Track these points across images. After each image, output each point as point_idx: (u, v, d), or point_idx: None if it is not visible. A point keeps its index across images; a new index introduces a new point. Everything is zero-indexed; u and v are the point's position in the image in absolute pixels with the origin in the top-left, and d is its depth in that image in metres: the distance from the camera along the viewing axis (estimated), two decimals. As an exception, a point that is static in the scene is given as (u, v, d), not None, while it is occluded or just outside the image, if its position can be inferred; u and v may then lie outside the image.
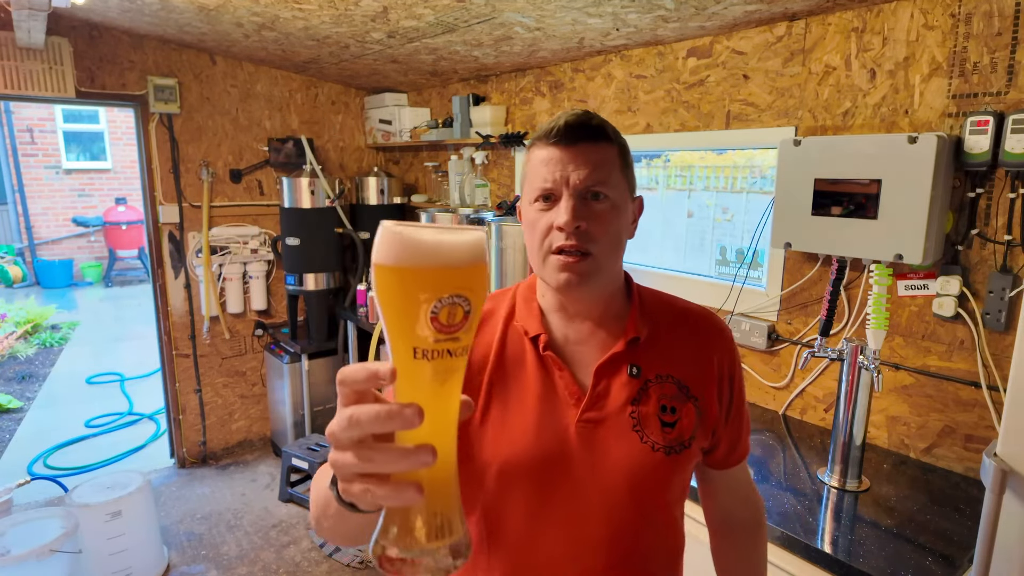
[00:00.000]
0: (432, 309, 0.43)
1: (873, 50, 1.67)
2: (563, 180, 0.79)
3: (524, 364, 0.86)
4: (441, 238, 0.44)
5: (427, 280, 0.43)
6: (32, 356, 5.79)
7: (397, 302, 0.44)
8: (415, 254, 0.43)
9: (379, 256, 0.44)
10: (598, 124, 0.81)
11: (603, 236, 0.80)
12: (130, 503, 2.52)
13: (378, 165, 4.02)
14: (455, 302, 0.43)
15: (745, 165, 2.21)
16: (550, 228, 0.80)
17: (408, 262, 0.43)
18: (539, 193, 0.81)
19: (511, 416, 0.83)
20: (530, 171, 0.84)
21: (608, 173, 0.81)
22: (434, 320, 0.43)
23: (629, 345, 0.85)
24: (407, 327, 0.43)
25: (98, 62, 3.08)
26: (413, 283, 0.43)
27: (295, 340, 3.58)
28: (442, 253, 0.44)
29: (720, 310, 2.16)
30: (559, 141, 0.80)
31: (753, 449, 1.75)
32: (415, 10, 2.11)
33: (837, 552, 1.26)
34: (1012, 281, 1.47)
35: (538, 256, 0.83)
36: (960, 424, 1.60)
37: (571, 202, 0.79)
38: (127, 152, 9.39)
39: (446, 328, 0.43)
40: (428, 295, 0.43)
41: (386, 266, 0.43)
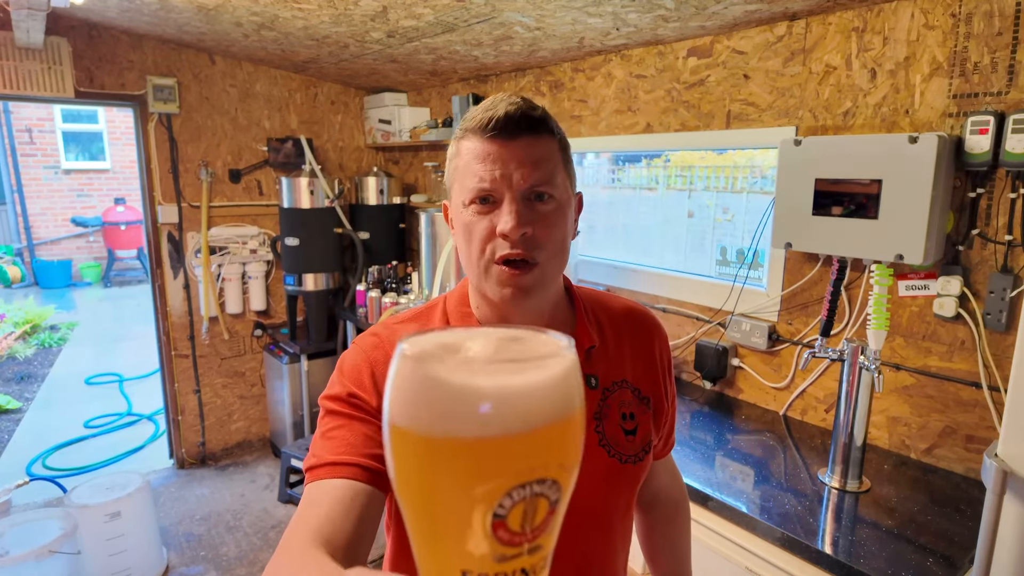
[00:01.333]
0: (496, 510, 0.26)
1: (874, 50, 1.67)
2: (504, 180, 0.69)
3: None
4: (509, 382, 0.26)
5: (488, 459, 0.26)
6: (31, 356, 5.78)
7: (431, 496, 0.27)
8: (464, 414, 0.25)
9: (398, 414, 0.27)
10: (541, 115, 0.72)
11: (550, 242, 0.72)
12: (129, 504, 2.52)
13: (378, 165, 4.02)
14: (536, 492, 0.26)
15: (745, 165, 2.21)
16: (491, 234, 0.71)
17: (449, 430, 0.26)
18: (475, 195, 0.71)
19: None
20: (462, 167, 0.72)
21: (553, 170, 0.72)
22: (499, 527, 0.26)
23: (587, 355, 0.79)
24: (452, 538, 0.27)
25: (97, 62, 3.08)
26: (461, 466, 0.26)
27: (294, 340, 3.57)
28: (509, 409, 0.26)
29: (721, 310, 2.15)
30: (497, 134, 0.69)
31: (753, 449, 1.75)
32: (415, 10, 2.11)
33: (838, 553, 1.25)
34: (1013, 281, 1.47)
35: (477, 266, 0.73)
36: (961, 425, 1.59)
37: (515, 205, 0.69)
38: (126, 152, 9.38)
39: (519, 537, 0.27)
40: (489, 486, 0.26)
41: (410, 433, 0.26)
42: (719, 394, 2.16)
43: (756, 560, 1.38)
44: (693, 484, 1.52)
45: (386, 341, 0.77)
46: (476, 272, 0.74)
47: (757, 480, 1.57)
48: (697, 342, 2.17)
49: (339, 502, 0.61)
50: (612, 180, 2.75)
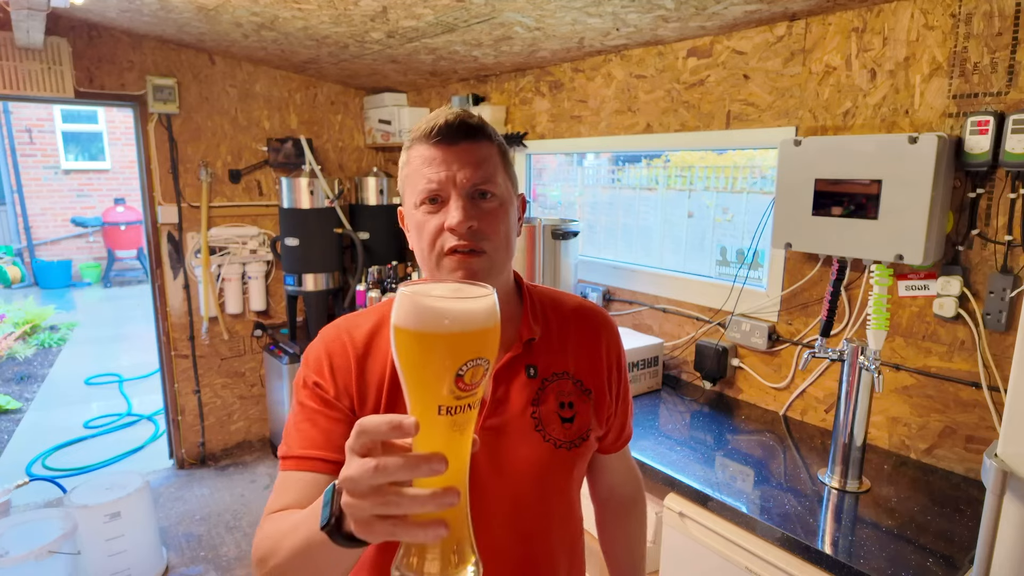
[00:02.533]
0: (458, 372, 0.46)
1: (873, 50, 1.67)
2: (449, 180, 0.78)
3: None
4: (465, 307, 0.47)
5: (454, 346, 0.46)
6: (31, 357, 5.78)
7: (423, 366, 0.47)
8: (441, 322, 0.46)
9: (403, 321, 0.47)
10: (478, 123, 0.80)
11: (495, 234, 0.80)
12: (129, 504, 2.52)
13: (377, 165, 4.02)
14: (478, 363, 0.47)
15: (745, 165, 2.21)
16: (440, 230, 0.79)
17: (434, 328, 0.46)
18: (425, 195, 0.79)
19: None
20: (412, 172, 0.81)
21: (493, 171, 0.80)
22: (459, 381, 0.46)
23: (525, 347, 0.86)
24: (432, 388, 0.47)
25: (97, 62, 3.08)
26: (441, 349, 0.46)
27: (294, 341, 3.57)
28: (466, 320, 0.47)
29: (720, 310, 2.15)
30: (440, 140, 0.78)
31: (753, 450, 1.75)
32: (414, 10, 2.11)
33: (838, 553, 1.25)
34: (1013, 281, 1.47)
35: (429, 260, 0.81)
36: (961, 425, 1.59)
37: (461, 202, 0.78)
38: (126, 152, 9.38)
39: (468, 387, 0.47)
40: (454, 360, 0.46)
41: (411, 331, 0.47)
42: (719, 394, 2.16)
43: (756, 560, 1.38)
44: (693, 484, 1.52)
45: (344, 332, 0.86)
46: (430, 266, 0.82)
47: (757, 480, 1.57)
48: (697, 342, 2.17)
49: (304, 491, 0.75)
50: (612, 180, 2.76)
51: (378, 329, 0.86)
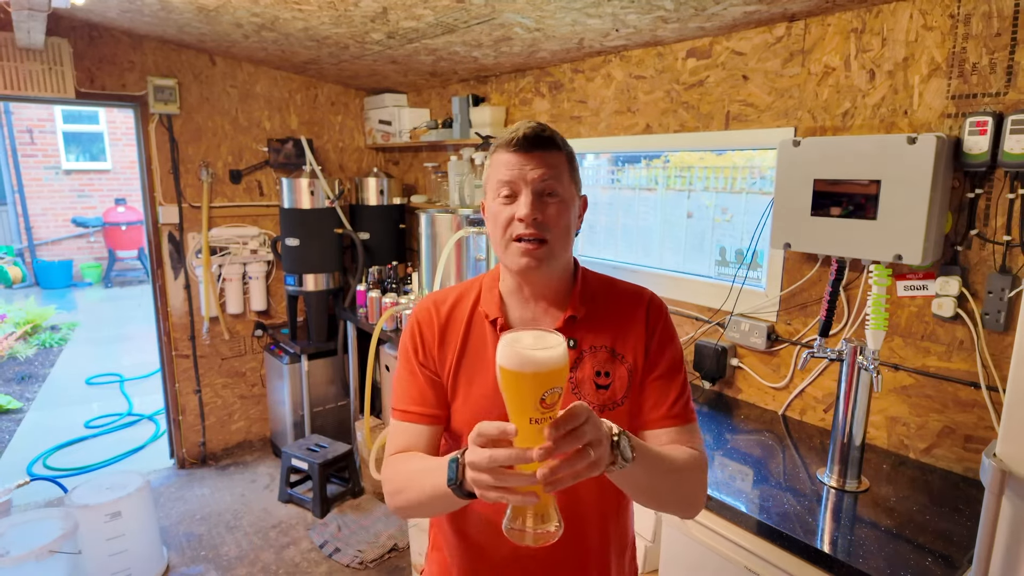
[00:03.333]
0: (542, 396, 0.69)
1: (872, 51, 1.68)
2: (522, 178, 0.93)
3: (485, 342, 1.01)
4: (545, 355, 0.70)
5: (539, 381, 0.69)
6: (32, 357, 5.78)
7: (521, 394, 0.70)
8: (533, 365, 0.69)
9: (506, 363, 0.70)
10: (550, 135, 0.95)
11: (556, 227, 0.94)
12: (129, 504, 2.52)
13: (378, 166, 4.02)
14: (555, 391, 0.70)
15: (745, 166, 2.22)
16: (511, 219, 0.94)
17: (529, 369, 0.69)
18: (502, 189, 0.95)
19: (476, 387, 0.99)
20: (493, 172, 0.97)
21: (559, 175, 0.95)
22: (542, 403, 0.69)
23: (567, 322, 0.99)
24: (528, 408, 0.69)
25: (98, 63, 3.08)
26: (531, 383, 0.69)
27: (295, 341, 3.58)
28: (550, 362, 0.69)
29: (720, 310, 2.16)
30: (519, 148, 0.93)
31: (753, 449, 1.75)
32: (415, 11, 2.11)
33: (836, 552, 1.26)
34: (1011, 281, 1.48)
35: (501, 244, 0.96)
36: (959, 424, 1.60)
37: (530, 197, 0.92)
38: (127, 153, 9.39)
39: (549, 406, 0.70)
40: (539, 389, 0.69)
41: (511, 370, 0.70)
42: (718, 394, 2.16)
43: (755, 560, 1.38)
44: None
45: (431, 304, 1.06)
46: (501, 248, 0.97)
47: (756, 480, 1.57)
48: (696, 342, 2.17)
49: (410, 437, 1.01)
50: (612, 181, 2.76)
51: (457, 303, 1.05)
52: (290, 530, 3.02)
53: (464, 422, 0.98)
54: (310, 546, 2.89)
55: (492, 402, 0.94)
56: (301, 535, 2.98)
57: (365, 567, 2.74)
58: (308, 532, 2.99)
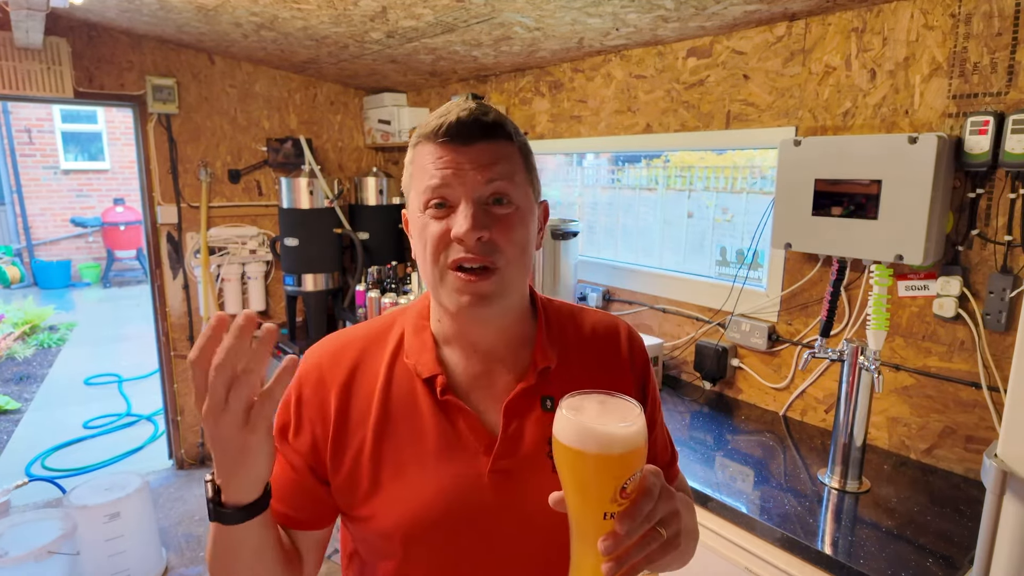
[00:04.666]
0: (623, 484, 0.54)
1: (873, 50, 1.67)
2: (459, 183, 0.67)
3: (418, 410, 0.74)
4: (631, 431, 0.54)
5: (625, 465, 0.54)
6: (30, 357, 5.77)
7: (598, 483, 0.54)
8: (616, 444, 0.53)
9: (580, 444, 0.54)
10: (495, 119, 0.70)
11: (509, 247, 0.69)
12: (128, 504, 2.52)
13: (377, 165, 4.02)
14: (636, 476, 0.55)
15: (745, 165, 2.21)
16: (446, 239, 0.68)
17: (611, 451, 0.53)
18: (430, 197, 0.69)
19: (409, 475, 0.72)
20: (417, 171, 0.71)
21: (511, 174, 0.70)
22: (623, 492, 0.54)
23: (539, 376, 0.75)
24: (605, 500, 0.54)
25: (96, 62, 3.08)
26: (615, 468, 0.54)
27: (294, 341, 3.57)
28: (634, 440, 0.54)
29: (720, 311, 2.15)
30: (450, 140, 0.68)
31: (753, 450, 1.75)
32: (414, 10, 2.11)
33: (837, 553, 1.25)
34: (1012, 282, 1.47)
35: (433, 273, 0.70)
36: (960, 425, 1.59)
37: (471, 208, 0.67)
38: (125, 152, 9.37)
39: (627, 495, 0.54)
40: (624, 476, 0.54)
41: (592, 455, 0.53)
42: (719, 394, 2.16)
43: (756, 560, 1.38)
44: (694, 485, 1.52)
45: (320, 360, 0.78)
46: (432, 281, 0.71)
47: (757, 480, 1.57)
48: (697, 342, 2.17)
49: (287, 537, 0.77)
50: (612, 180, 2.75)
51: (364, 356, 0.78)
52: (289, 531, 3.01)
53: (397, 521, 0.71)
54: (309, 547, 2.88)
55: (436, 494, 0.71)
56: (300, 536, 2.97)
57: (364, 568, 2.74)
58: (307, 533, 2.98)
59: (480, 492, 0.72)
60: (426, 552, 0.72)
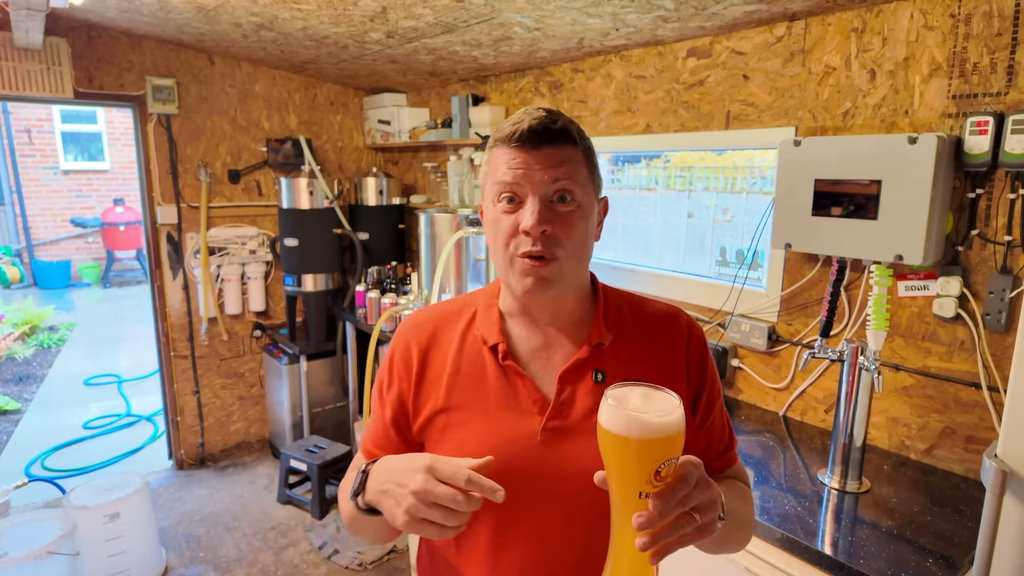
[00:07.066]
0: (658, 468, 0.60)
1: (873, 50, 1.67)
2: (527, 181, 0.77)
3: (484, 372, 0.85)
4: (667, 420, 0.61)
5: (658, 450, 0.60)
6: (30, 357, 5.77)
7: (632, 465, 0.61)
8: (650, 430, 0.60)
9: (617, 428, 0.61)
10: (562, 126, 0.79)
11: (569, 240, 0.79)
12: (128, 505, 2.52)
13: (377, 166, 4.02)
14: (670, 460, 0.61)
15: (745, 165, 2.21)
16: (515, 231, 0.79)
17: (644, 435, 0.60)
18: (502, 192, 0.79)
19: (473, 426, 0.83)
20: (492, 170, 0.82)
21: (574, 174, 0.79)
22: (657, 475, 0.60)
23: (593, 351, 0.84)
24: (639, 481, 0.61)
25: (96, 62, 3.08)
26: (648, 452, 0.60)
27: (294, 341, 3.57)
28: (668, 429, 0.61)
29: (720, 311, 2.15)
30: (522, 145, 0.78)
31: (753, 450, 1.74)
32: (414, 10, 2.11)
33: (837, 554, 1.25)
34: (1012, 282, 1.47)
35: (502, 259, 0.81)
36: (960, 425, 1.59)
37: (537, 205, 0.77)
38: (125, 153, 9.37)
39: (662, 478, 0.61)
40: (658, 461, 0.60)
41: (623, 437, 0.60)
42: (719, 395, 2.16)
43: (756, 561, 1.38)
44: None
45: (410, 329, 0.92)
46: (502, 264, 0.82)
47: (757, 481, 1.57)
48: (697, 343, 2.16)
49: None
50: (612, 181, 2.75)
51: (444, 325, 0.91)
52: (289, 531, 3.01)
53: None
54: (309, 547, 2.88)
55: (491, 444, 0.81)
56: (300, 536, 2.97)
57: (364, 569, 2.74)
58: (307, 533, 2.99)
59: (532, 448, 0.81)
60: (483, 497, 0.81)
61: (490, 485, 0.67)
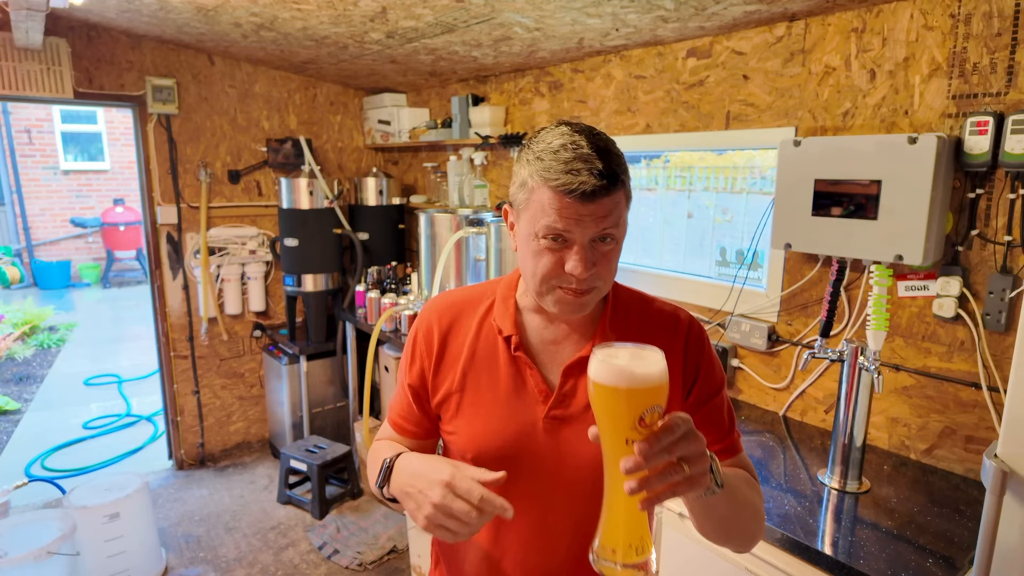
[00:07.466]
0: (641, 416, 0.64)
1: (873, 51, 1.67)
2: (577, 228, 0.79)
3: (497, 360, 0.92)
4: (649, 370, 0.65)
5: (640, 398, 0.64)
6: (30, 357, 5.77)
7: (618, 412, 0.66)
8: (633, 380, 0.64)
9: (603, 379, 0.66)
10: (617, 175, 0.79)
11: (607, 273, 0.84)
12: (128, 505, 2.52)
13: (377, 166, 4.02)
14: (654, 408, 0.65)
15: (745, 166, 2.21)
16: (558, 269, 0.81)
17: (628, 385, 0.64)
18: (549, 233, 0.80)
19: (483, 409, 0.91)
20: (535, 203, 0.81)
21: (619, 218, 0.81)
22: (641, 422, 0.64)
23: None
24: (624, 428, 0.65)
25: (96, 62, 3.08)
26: (631, 400, 0.64)
27: (293, 341, 3.57)
28: (650, 379, 0.65)
29: (720, 311, 2.15)
30: (579, 199, 0.77)
31: (753, 450, 1.74)
32: (414, 10, 2.11)
33: (837, 554, 1.25)
34: (1012, 282, 1.47)
35: (539, 284, 0.84)
36: (960, 425, 1.59)
37: (583, 252, 0.79)
38: (125, 153, 9.37)
39: (647, 425, 0.64)
40: (640, 408, 0.64)
41: (610, 387, 0.65)
42: (719, 395, 2.16)
43: (756, 561, 1.38)
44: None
45: (433, 311, 0.99)
46: (537, 288, 0.85)
47: (757, 481, 1.57)
48: (696, 343, 2.16)
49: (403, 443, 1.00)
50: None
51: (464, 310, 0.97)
52: (289, 531, 3.01)
53: (469, 443, 0.91)
54: (309, 547, 2.88)
55: (501, 427, 0.89)
56: (300, 536, 2.97)
57: (364, 569, 2.74)
58: (307, 533, 2.99)
59: (535, 433, 0.89)
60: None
61: (500, 504, 0.73)
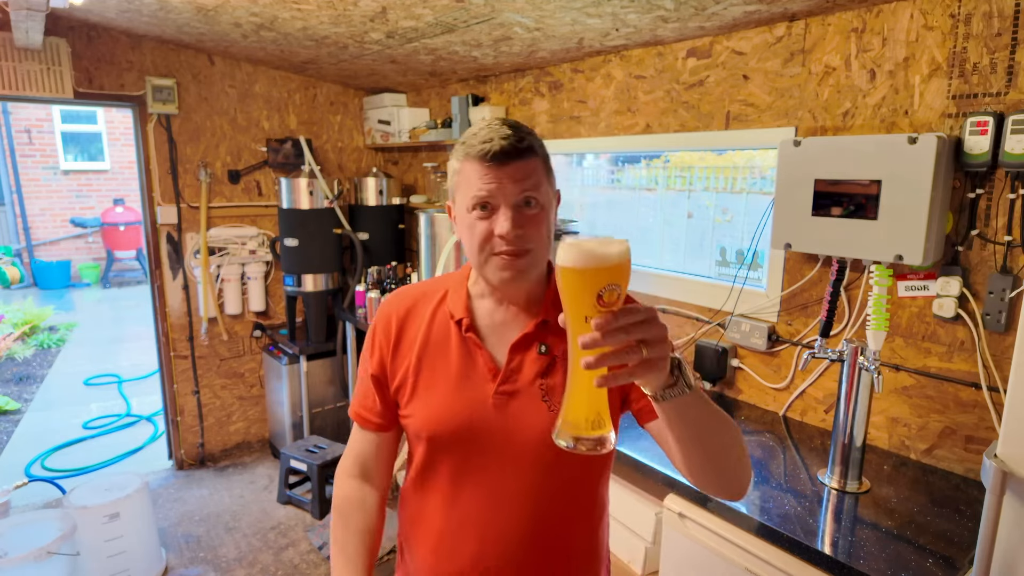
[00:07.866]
0: (599, 292, 0.65)
1: (873, 51, 1.67)
2: (500, 193, 0.88)
3: (449, 344, 0.98)
4: (606, 250, 0.67)
5: (598, 276, 0.65)
6: (30, 357, 5.77)
7: (577, 290, 0.67)
8: (591, 259, 0.66)
9: (566, 262, 0.67)
10: (527, 145, 0.90)
11: (537, 235, 0.91)
12: (128, 505, 2.51)
13: (377, 166, 4.02)
14: (613, 288, 0.66)
15: (745, 166, 2.21)
16: (490, 235, 0.90)
17: (585, 264, 0.66)
18: (476, 202, 0.89)
19: (437, 391, 0.97)
20: (463, 181, 0.92)
21: (538, 183, 0.91)
22: (600, 300, 0.65)
23: (539, 327, 0.95)
24: (584, 305, 0.66)
25: (96, 63, 3.08)
26: (589, 278, 0.66)
27: (294, 341, 3.57)
28: (609, 258, 0.66)
29: (720, 311, 2.15)
30: (494, 162, 0.88)
31: (753, 451, 1.74)
32: (414, 10, 2.11)
33: (837, 554, 1.25)
34: (1012, 282, 1.47)
35: (478, 257, 0.92)
36: (960, 425, 1.59)
37: (509, 212, 0.88)
38: (125, 153, 9.37)
39: (606, 304, 0.65)
40: (598, 285, 0.65)
41: (569, 267, 0.67)
42: (719, 395, 2.16)
43: (756, 561, 1.38)
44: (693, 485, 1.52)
45: (391, 302, 1.06)
46: (478, 262, 0.93)
47: (757, 481, 1.57)
48: (697, 343, 2.17)
49: (363, 445, 1.07)
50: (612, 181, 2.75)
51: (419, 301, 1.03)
52: (289, 531, 3.01)
53: (424, 423, 0.96)
54: (309, 547, 2.88)
55: (452, 407, 0.95)
56: (300, 536, 2.97)
57: (364, 568, 2.73)
58: (307, 533, 2.98)
59: (486, 410, 0.94)
60: (442, 453, 0.97)
61: None
